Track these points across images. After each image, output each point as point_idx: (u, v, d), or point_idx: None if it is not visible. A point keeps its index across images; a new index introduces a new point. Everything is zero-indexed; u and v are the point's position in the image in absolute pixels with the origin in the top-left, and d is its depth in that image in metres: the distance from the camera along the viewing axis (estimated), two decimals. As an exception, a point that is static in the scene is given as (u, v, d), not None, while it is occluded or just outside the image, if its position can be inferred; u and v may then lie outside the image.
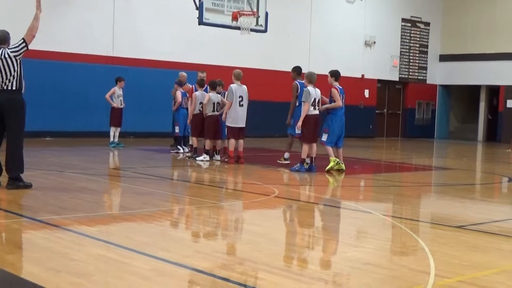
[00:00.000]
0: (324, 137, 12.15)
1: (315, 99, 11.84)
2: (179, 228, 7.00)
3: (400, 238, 6.71)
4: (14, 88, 8.54)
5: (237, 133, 13.19)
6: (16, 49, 8.57)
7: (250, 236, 6.58)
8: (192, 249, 5.72)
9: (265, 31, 17.70)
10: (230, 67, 20.97)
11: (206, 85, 14.07)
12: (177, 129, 15.40)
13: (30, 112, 9.10)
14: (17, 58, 8.55)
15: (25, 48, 8.60)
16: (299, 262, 5.41)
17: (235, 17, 16.45)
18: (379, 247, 6.17)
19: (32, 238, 6.01)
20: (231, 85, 13.20)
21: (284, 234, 6.80)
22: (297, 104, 12.78)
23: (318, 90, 12.02)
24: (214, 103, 13.40)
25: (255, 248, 5.88)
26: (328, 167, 11.96)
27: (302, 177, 11.64)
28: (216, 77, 14.65)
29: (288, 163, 12.99)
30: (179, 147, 15.41)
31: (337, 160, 12.11)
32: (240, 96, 13.15)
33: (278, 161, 13.31)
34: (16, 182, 8.59)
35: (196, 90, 13.96)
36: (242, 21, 16.55)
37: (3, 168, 8.77)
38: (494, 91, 28.32)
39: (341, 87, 12.34)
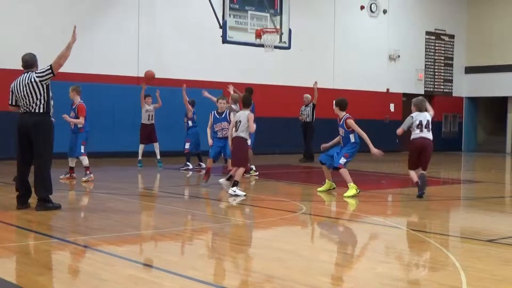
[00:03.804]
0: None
1: (421, 121, 10.66)
2: (207, 247, 7.00)
3: (430, 253, 6.63)
4: (41, 111, 8.64)
5: None
6: (42, 74, 8.65)
7: (278, 253, 6.55)
8: (220, 267, 5.72)
9: (288, 47, 17.75)
10: (255, 84, 21.10)
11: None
12: (187, 146, 15.56)
13: (58, 134, 9.20)
14: (43, 83, 8.65)
15: (51, 75, 8.64)
16: (328, 279, 5.37)
17: (258, 35, 16.54)
18: (409, 263, 6.11)
19: (62, 259, 6.06)
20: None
21: (312, 250, 6.76)
22: None
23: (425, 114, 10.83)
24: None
25: (283, 265, 5.86)
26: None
27: (329, 193, 11.59)
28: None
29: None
30: (188, 163, 15.56)
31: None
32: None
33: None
34: (45, 203, 8.67)
35: None
36: (266, 38, 16.64)
37: (32, 190, 8.87)
38: (521, 102, 28.01)
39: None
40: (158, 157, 16.13)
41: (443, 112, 28.50)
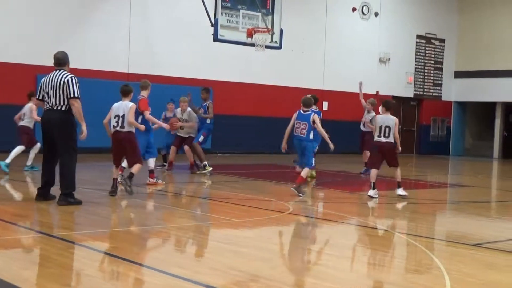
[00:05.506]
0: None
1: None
2: (193, 245, 7.00)
3: (415, 256, 6.67)
4: (64, 109, 8.80)
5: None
6: (68, 87, 8.84)
7: (264, 253, 6.56)
8: (206, 266, 5.72)
9: (279, 47, 17.75)
10: (245, 83, 21.12)
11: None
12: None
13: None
14: (65, 89, 8.81)
15: (69, 96, 8.81)
16: (313, 280, 5.39)
17: (250, 34, 16.53)
18: (394, 265, 6.13)
19: (48, 254, 6.03)
20: None
21: (299, 251, 6.77)
22: (209, 121, 14.13)
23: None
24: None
25: (268, 265, 5.87)
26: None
27: (316, 194, 11.62)
28: (230, 94, 14.76)
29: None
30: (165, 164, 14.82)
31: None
32: None
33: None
34: (66, 198, 8.76)
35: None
36: (257, 38, 16.62)
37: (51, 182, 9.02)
38: (510, 108, 28.16)
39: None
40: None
41: (431, 116, 28.61)
